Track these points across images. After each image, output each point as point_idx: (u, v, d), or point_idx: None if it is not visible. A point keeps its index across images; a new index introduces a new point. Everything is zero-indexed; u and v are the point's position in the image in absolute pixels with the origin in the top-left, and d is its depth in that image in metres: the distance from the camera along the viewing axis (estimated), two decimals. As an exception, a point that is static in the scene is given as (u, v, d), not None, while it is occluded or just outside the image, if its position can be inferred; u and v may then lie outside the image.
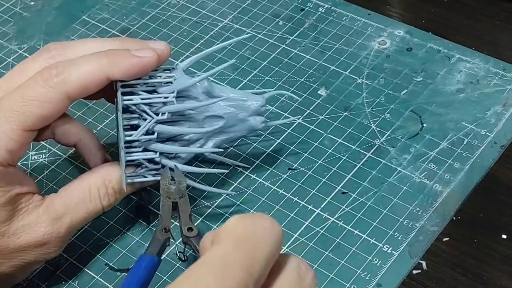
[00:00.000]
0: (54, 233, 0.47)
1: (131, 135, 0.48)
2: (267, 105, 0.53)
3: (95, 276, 0.51)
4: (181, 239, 0.47)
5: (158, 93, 0.48)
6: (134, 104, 0.48)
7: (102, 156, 0.51)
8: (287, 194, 0.54)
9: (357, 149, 0.56)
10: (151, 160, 0.49)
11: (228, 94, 0.51)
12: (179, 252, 0.48)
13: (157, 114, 0.48)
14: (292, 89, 0.61)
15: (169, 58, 0.50)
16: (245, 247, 0.32)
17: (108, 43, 0.49)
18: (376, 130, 0.57)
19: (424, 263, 0.49)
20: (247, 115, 0.51)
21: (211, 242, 0.33)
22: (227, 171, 0.54)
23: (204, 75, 0.50)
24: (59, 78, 0.45)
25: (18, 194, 0.46)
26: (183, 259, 0.48)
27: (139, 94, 0.48)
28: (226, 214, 0.53)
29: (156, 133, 0.48)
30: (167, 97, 0.48)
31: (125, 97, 0.47)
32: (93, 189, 0.48)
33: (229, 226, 0.33)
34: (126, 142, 0.48)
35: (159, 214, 0.47)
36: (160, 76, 0.49)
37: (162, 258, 0.45)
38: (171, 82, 0.49)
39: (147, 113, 0.48)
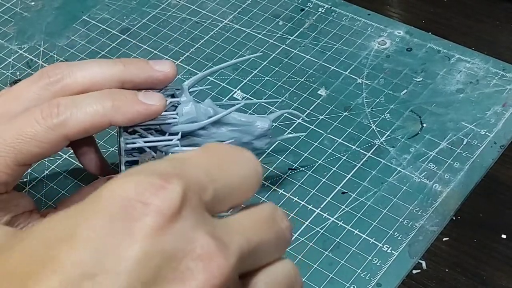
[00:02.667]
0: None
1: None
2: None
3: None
4: None
5: (162, 133, 0.47)
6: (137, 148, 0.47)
7: (100, 161, 0.50)
8: (287, 194, 0.54)
9: (357, 149, 0.56)
10: None
11: (233, 119, 0.50)
12: None
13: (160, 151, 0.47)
14: (292, 89, 0.61)
15: (171, 59, 0.50)
16: (213, 154, 0.30)
17: (110, 67, 0.46)
18: (376, 130, 0.57)
19: (424, 263, 0.49)
20: (251, 139, 0.51)
21: None
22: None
23: (211, 119, 0.48)
24: (59, 119, 0.43)
25: (13, 216, 0.45)
26: None
27: (141, 135, 0.47)
28: (227, 214, 0.53)
29: None
30: (171, 139, 0.47)
31: (128, 141, 0.46)
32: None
33: (206, 144, 0.31)
34: None
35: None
36: (165, 113, 0.47)
37: None
38: (176, 123, 0.47)
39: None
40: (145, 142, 0.46)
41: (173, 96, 0.49)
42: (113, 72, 0.46)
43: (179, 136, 0.47)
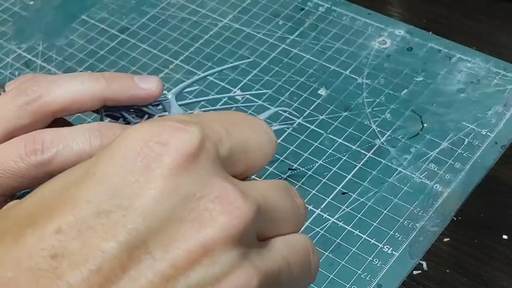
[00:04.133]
0: None
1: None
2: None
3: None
4: None
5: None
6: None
7: None
8: (287, 194, 0.54)
9: (357, 149, 0.56)
10: None
11: None
12: None
13: None
14: (292, 89, 0.61)
15: (171, 59, 0.49)
16: (230, 117, 0.30)
17: (92, 84, 0.44)
18: (376, 130, 0.57)
19: (424, 264, 0.49)
20: None
21: None
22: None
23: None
24: (44, 157, 0.41)
25: None
26: None
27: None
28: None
29: None
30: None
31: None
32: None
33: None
34: None
35: None
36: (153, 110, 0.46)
37: None
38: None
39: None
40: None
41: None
42: (95, 90, 0.44)
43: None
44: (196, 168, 0.26)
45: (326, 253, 0.50)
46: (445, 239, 0.51)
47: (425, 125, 0.57)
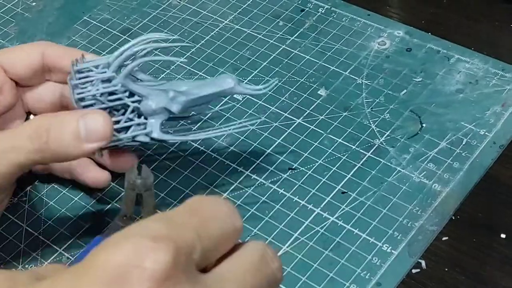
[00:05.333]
0: None
1: (82, 93, 0.47)
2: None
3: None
4: None
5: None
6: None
7: None
8: (287, 194, 0.54)
9: (356, 149, 0.56)
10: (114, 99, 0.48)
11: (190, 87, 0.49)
12: None
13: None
14: (292, 89, 0.61)
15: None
16: (198, 213, 0.31)
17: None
18: (375, 130, 0.57)
19: (423, 263, 0.50)
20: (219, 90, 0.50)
21: None
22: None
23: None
24: None
25: None
26: None
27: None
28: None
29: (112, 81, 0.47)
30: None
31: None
32: (33, 125, 0.45)
33: (187, 200, 0.32)
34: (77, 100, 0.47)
35: (122, 202, 0.44)
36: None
37: None
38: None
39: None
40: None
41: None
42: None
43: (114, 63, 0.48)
44: (173, 286, 0.27)
45: (326, 252, 0.50)
46: (444, 238, 0.51)
47: (424, 125, 0.57)
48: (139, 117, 0.49)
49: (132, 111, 0.49)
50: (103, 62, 0.49)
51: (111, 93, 0.48)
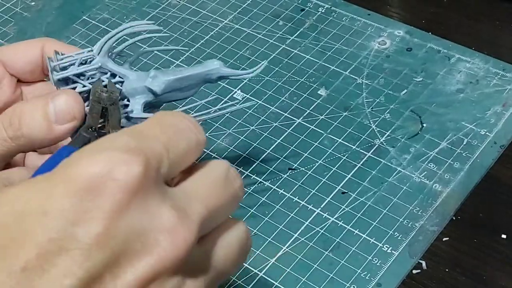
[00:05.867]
0: None
1: (61, 74, 0.45)
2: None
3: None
4: None
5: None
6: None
7: None
8: (287, 194, 0.54)
9: (357, 149, 0.56)
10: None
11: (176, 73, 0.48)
12: None
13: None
14: (292, 89, 0.61)
15: (171, 59, 0.50)
16: (165, 127, 0.32)
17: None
18: (376, 130, 0.57)
19: (424, 263, 0.49)
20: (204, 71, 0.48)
21: None
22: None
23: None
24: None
25: None
26: None
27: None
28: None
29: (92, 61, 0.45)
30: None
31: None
32: (5, 112, 0.44)
33: (154, 114, 0.33)
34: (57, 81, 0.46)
35: (86, 115, 0.43)
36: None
37: None
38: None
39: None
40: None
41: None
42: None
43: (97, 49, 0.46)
44: (143, 200, 0.28)
45: (326, 252, 0.50)
46: (444, 239, 0.51)
47: (424, 125, 0.57)
48: (122, 100, 0.47)
49: None
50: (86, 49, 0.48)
51: (92, 76, 0.47)
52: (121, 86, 0.47)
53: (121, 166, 0.28)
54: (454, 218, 0.52)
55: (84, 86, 0.46)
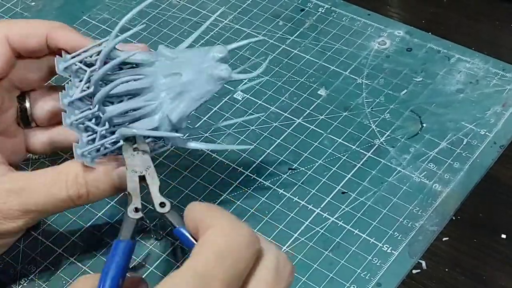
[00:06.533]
0: (6, 205, 0.44)
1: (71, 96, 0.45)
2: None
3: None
4: (155, 217, 0.44)
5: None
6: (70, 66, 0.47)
7: None
8: (287, 194, 0.54)
9: (357, 149, 0.56)
10: (100, 124, 0.46)
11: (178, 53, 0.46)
12: (153, 231, 0.45)
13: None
14: (292, 89, 0.61)
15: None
16: (225, 262, 0.33)
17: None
18: (376, 130, 0.57)
19: (423, 263, 0.49)
20: (207, 66, 0.46)
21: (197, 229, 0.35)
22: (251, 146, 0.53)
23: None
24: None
25: None
26: (159, 238, 0.44)
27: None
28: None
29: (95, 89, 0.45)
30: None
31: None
32: (62, 174, 0.45)
33: (210, 236, 0.34)
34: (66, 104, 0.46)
35: (127, 193, 0.43)
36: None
37: (136, 239, 0.43)
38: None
39: (82, 69, 0.46)
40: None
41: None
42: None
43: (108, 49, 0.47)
44: None
45: (326, 252, 0.50)
46: (444, 239, 0.51)
47: (424, 125, 0.57)
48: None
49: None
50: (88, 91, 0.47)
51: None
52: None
53: None
54: (454, 218, 0.52)
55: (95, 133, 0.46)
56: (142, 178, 0.43)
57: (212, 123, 0.59)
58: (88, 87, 0.46)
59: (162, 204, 0.42)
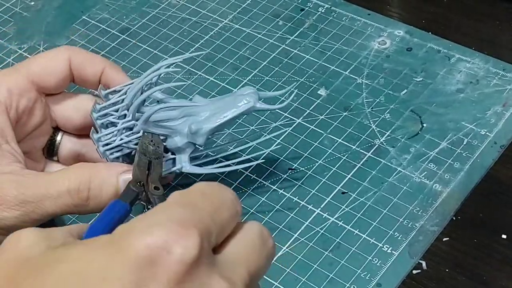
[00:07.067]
0: (3, 190, 0.45)
1: (107, 144, 0.49)
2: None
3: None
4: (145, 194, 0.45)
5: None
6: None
7: None
8: (287, 194, 0.54)
9: (357, 149, 0.56)
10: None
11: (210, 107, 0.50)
12: (146, 208, 0.45)
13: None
14: (292, 89, 0.61)
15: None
16: (210, 199, 0.33)
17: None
18: (376, 130, 0.57)
19: (424, 263, 0.49)
20: (236, 112, 0.49)
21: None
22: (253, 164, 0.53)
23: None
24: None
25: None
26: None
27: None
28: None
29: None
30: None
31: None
32: (67, 170, 0.47)
33: (196, 185, 0.34)
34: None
35: (133, 167, 0.46)
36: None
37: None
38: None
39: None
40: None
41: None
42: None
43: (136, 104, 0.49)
44: (196, 272, 0.30)
45: (326, 253, 0.50)
46: (445, 239, 0.51)
47: (424, 125, 0.57)
48: (166, 152, 0.50)
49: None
50: (121, 105, 0.50)
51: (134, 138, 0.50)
52: (164, 142, 0.49)
53: (178, 240, 0.30)
54: (454, 218, 0.52)
55: (128, 148, 0.50)
56: (149, 164, 0.46)
57: (223, 145, 0.59)
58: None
59: (156, 188, 0.45)
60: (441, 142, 0.56)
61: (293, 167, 0.56)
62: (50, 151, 0.53)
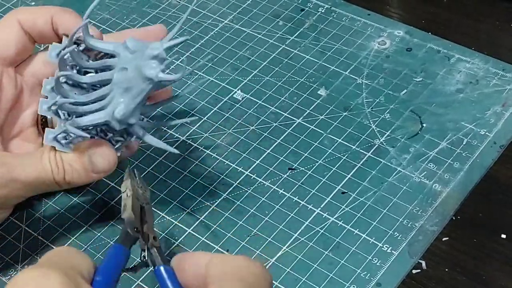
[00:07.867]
0: None
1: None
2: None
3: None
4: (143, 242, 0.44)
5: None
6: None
7: None
8: (287, 194, 0.54)
9: (357, 149, 0.56)
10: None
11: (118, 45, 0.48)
12: (143, 257, 0.44)
13: None
14: (292, 89, 0.61)
15: (170, 59, 0.50)
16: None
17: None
18: (376, 130, 0.57)
19: (423, 263, 0.49)
20: (142, 64, 0.46)
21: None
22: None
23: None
24: None
25: None
26: (149, 265, 0.44)
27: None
28: (226, 214, 0.53)
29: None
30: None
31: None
32: (46, 149, 0.47)
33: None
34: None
35: (123, 206, 0.45)
36: None
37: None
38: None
39: None
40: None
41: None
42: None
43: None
44: None
45: (326, 252, 0.50)
46: (444, 239, 0.51)
47: (424, 125, 0.57)
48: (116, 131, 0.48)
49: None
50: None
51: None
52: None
53: None
54: (454, 218, 0.52)
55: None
56: (141, 209, 0.46)
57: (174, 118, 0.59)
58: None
59: (154, 238, 0.44)
60: (441, 142, 0.56)
61: (293, 167, 0.56)
62: (45, 124, 0.52)
